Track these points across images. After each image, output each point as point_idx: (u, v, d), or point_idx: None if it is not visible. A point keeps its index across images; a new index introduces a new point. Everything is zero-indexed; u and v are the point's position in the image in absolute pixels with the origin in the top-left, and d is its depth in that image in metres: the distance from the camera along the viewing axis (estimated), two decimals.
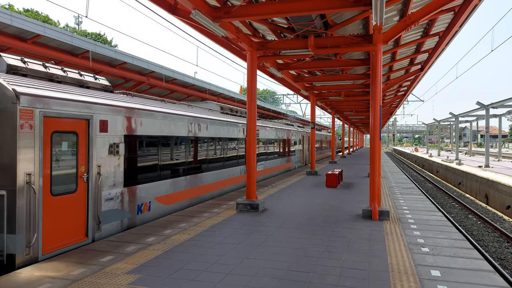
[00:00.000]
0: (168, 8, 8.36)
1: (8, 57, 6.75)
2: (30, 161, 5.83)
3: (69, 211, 6.59)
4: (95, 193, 7.12)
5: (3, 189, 5.62)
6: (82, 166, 6.92)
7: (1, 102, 5.66)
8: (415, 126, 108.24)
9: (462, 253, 6.30)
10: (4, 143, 5.68)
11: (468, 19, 9.88)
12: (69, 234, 6.58)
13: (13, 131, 5.66)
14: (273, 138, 19.77)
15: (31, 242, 5.79)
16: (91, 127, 7.05)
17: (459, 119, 36.26)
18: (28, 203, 5.79)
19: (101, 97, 7.54)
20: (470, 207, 16.73)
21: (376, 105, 9.32)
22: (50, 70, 7.33)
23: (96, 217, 7.13)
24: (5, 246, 5.59)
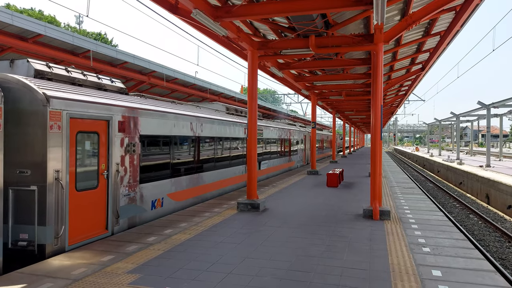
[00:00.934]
0: (169, 7, 8.35)
1: (35, 63, 7.16)
2: (58, 159, 6.33)
3: (91, 206, 7.09)
4: (114, 189, 7.60)
5: (35, 185, 6.07)
6: (103, 164, 7.41)
7: (33, 105, 6.15)
8: (416, 125, 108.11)
9: (463, 253, 6.29)
10: (35, 143, 6.16)
11: (469, 19, 9.87)
12: (92, 227, 7.08)
13: (44, 131, 6.15)
14: (276, 138, 20.20)
15: (59, 234, 6.27)
16: (110, 128, 7.56)
17: (460, 118, 36.23)
18: (56, 197, 6.26)
19: (118, 99, 8.02)
20: (471, 207, 16.72)
21: (377, 104, 9.31)
22: (72, 74, 7.77)
23: (115, 212, 7.63)
24: (36, 237, 6.05)
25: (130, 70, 15.75)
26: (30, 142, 6.19)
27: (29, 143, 6.19)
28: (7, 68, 7.23)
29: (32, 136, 6.18)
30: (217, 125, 12.59)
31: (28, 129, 6.20)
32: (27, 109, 6.19)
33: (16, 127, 6.18)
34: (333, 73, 15.95)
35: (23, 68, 7.12)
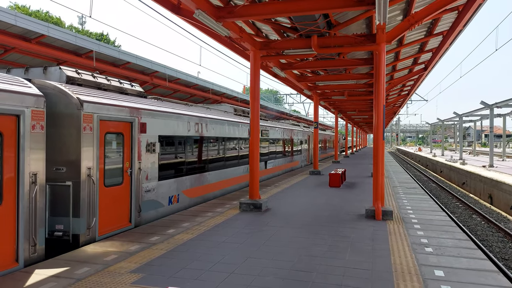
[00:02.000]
0: (172, 8, 8.38)
1: (66, 69, 7.79)
2: (90, 157, 7.00)
3: (117, 200, 7.78)
4: (136, 186, 8.28)
5: (70, 180, 6.73)
6: (127, 162, 8.10)
7: (68, 109, 6.81)
8: (419, 125, 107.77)
9: (466, 253, 6.28)
10: (70, 143, 6.83)
11: (472, 19, 9.83)
12: (117, 220, 7.78)
13: (78, 132, 6.81)
14: (281, 138, 20.81)
15: (90, 225, 6.95)
16: (133, 129, 8.24)
17: (463, 118, 36.13)
18: (88, 192, 6.93)
19: (140, 103, 8.68)
20: (474, 207, 16.67)
21: (379, 104, 9.30)
22: (97, 79, 8.41)
23: (138, 206, 8.31)
24: (71, 227, 6.72)
25: (133, 70, 15.80)
26: (66, 142, 6.84)
27: (65, 143, 6.85)
28: (40, 75, 7.79)
29: (67, 137, 6.84)
30: (226, 126, 13.26)
31: (64, 130, 6.85)
32: (63, 112, 6.82)
33: (53, 129, 6.74)
34: (335, 73, 15.94)
35: (56, 74, 7.72)
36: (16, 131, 5.61)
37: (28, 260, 5.68)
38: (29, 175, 5.74)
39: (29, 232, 5.71)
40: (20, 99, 5.61)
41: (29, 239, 5.70)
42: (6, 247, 5.39)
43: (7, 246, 5.42)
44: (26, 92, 5.75)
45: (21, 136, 5.63)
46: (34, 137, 5.86)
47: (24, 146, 5.66)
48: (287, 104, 44.99)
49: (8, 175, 5.45)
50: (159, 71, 16.57)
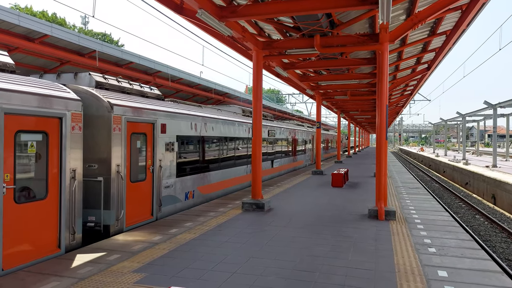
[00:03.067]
0: (174, 7, 8.37)
1: (95, 75, 8.44)
2: (118, 155, 7.66)
3: (141, 195, 8.46)
4: (157, 182, 8.95)
5: (101, 176, 7.42)
6: (149, 160, 8.78)
7: (100, 111, 7.50)
8: (422, 125, 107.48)
9: (469, 253, 6.25)
10: (102, 142, 7.51)
11: (476, 18, 9.80)
12: (141, 213, 8.47)
13: (108, 133, 7.50)
14: (287, 138, 21.50)
15: (119, 217, 7.63)
16: (155, 129, 8.91)
17: (466, 118, 36.00)
18: (117, 187, 7.61)
19: (160, 105, 9.36)
20: (477, 207, 16.61)
21: (382, 104, 9.28)
22: (122, 84, 9.01)
23: (158, 201, 8.97)
24: (102, 219, 7.42)
25: (136, 70, 15.82)
26: (98, 141, 7.53)
27: (97, 143, 7.53)
28: (71, 80, 8.44)
29: (99, 137, 7.53)
30: (237, 127, 14.07)
31: (96, 131, 7.53)
32: (95, 115, 7.51)
33: (86, 129, 7.28)
34: (338, 73, 15.90)
35: (86, 80, 8.34)
36: (59, 131, 6.31)
37: (68, 246, 6.37)
38: (70, 171, 6.42)
39: (69, 222, 6.40)
40: (62, 103, 6.31)
41: (69, 228, 6.39)
42: (50, 235, 6.09)
43: (52, 234, 6.12)
44: (67, 97, 6.45)
45: (63, 136, 6.32)
46: (74, 137, 6.55)
47: (66, 145, 6.35)
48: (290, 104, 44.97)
49: (52, 171, 6.15)
50: (161, 71, 16.58)
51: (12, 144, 5.50)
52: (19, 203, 5.60)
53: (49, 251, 6.01)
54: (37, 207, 5.89)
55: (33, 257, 5.72)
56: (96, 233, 7.39)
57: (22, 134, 5.70)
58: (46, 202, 6.02)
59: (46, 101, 6.01)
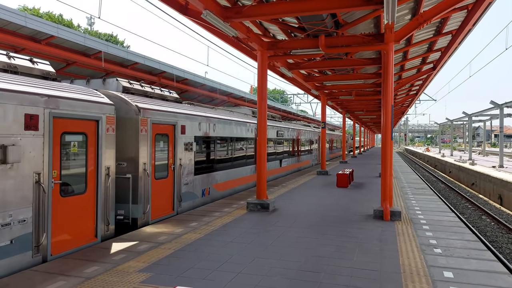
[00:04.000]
0: (179, 8, 8.41)
1: (122, 80, 9.23)
2: (145, 154, 8.38)
3: (164, 191, 9.17)
4: (178, 179, 9.68)
5: (129, 174, 8.13)
6: (171, 159, 9.48)
7: (128, 114, 8.23)
8: (427, 125, 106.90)
9: (475, 254, 6.22)
10: (130, 142, 8.24)
11: (482, 17, 9.73)
12: (164, 208, 9.18)
13: (136, 134, 8.23)
14: (294, 138, 22.23)
15: (145, 211, 8.34)
16: (176, 130, 9.65)
17: (472, 118, 35.73)
18: (144, 183, 8.30)
19: (179, 108, 10.08)
20: (483, 208, 16.49)
21: (387, 104, 9.25)
22: (145, 88, 9.78)
23: (179, 197, 9.72)
24: (130, 212, 8.14)
25: (141, 70, 15.89)
26: (126, 142, 8.22)
27: (126, 143, 8.21)
28: (100, 85, 9.21)
29: (127, 137, 8.22)
30: (248, 127, 14.84)
31: (124, 132, 8.20)
32: (124, 117, 8.22)
33: (116, 131, 7.83)
34: (343, 73, 15.87)
35: (113, 85, 9.09)
36: (96, 133, 7.00)
37: (104, 236, 7.08)
38: (104, 169, 7.13)
39: (104, 214, 7.12)
40: (99, 107, 7.02)
41: (104, 220, 7.11)
42: (89, 226, 6.82)
43: (90, 224, 6.84)
44: (103, 102, 7.15)
45: (99, 137, 7.01)
46: (108, 138, 7.24)
47: (101, 145, 7.04)
48: (294, 104, 44.89)
49: (90, 168, 6.87)
50: (166, 72, 16.64)
51: (59, 144, 6.23)
52: (64, 197, 6.34)
53: (87, 240, 6.73)
54: (78, 201, 6.64)
55: (75, 244, 6.44)
56: (124, 225, 8.12)
57: (66, 135, 6.41)
58: (85, 196, 6.77)
59: (86, 106, 6.73)
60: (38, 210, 5.79)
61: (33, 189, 5.71)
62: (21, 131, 5.56)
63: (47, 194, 5.90)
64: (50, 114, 5.98)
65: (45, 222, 5.88)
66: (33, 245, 5.69)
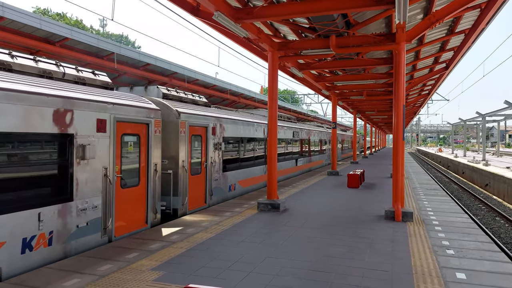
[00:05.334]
0: (191, 10, 8.48)
1: (161, 88, 10.38)
2: (183, 153, 9.49)
3: (198, 186, 10.26)
4: (209, 175, 10.75)
5: (170, 170, 9.15)
6: (203, 157, 10.58)
7: (170, 117, 9.36)
8: (440, 126, 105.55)
9: (488, 255, 6.15)
10: (171, 142, 9.34)
11: (495, 16, 9.61)
12: (198, 200, 10.26)
13: (176, 135, 9.34)
14: (309, 139, 23.18)
15: (184, 202, 9.45)
16: (208, 132, 10.75)
17: (486, 118, 35.20)
18: (182, 178, 9.43)
19: (209, 111, 11.22)
20: (497, 209, 16.25)
21: (399, 104, 9.20)
22: (180, 94, 10.92)
23: (210, 191, 10.78)
24: (171, 203, 9.20)
25: (153, 71, 16.03)
26: (168, 142, 9.29)
27: (168, 143, 9.27)
28: (142, 92, 10.35)
29: (169, 138, 9.30)
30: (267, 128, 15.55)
31: (167, 133, 9.26)
32: (166, 121, 9.30)
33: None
34: (354, 73, 15.81)
35: (154, 91, 10.22)
36: (146, 134, 8.10)
37: (152, 223, 8.17)
38: (153, 165, 8.21)
39: (153, 204, 8.18)
40: (149, 112, 8.14)
41: (153, 209, 8.18)
42: (141, 213, 7.93)
43: (142, 212, 7.95)
44: (152, 108, 8.28)
45: (149, 138, 8.11)
46: (155, 138, 8.34)
47: (150, 145, 8.15)
48: (305, 104, 44.79)
49: (142, 164, 7.99)
50: (178, 72, 16.77)
51: (119, 144, 7.34)
52: (123, 188, 7.45)
53: (140, 225, 7.88)
54: (133, 192, 7.74)
55: (131, 229, 7.58)
56: (166, 215, 9.11)
57: (125, 136, 7.52)
58: (138, 188, 7.89)
59: (140, 111, 7.86)
60: (106, 198, 6.94)
61: (102, 181, 6.85)
62: (94, 133, 6.70)
63: (112, 185, 7.07)
64: (114, 118, 7.16)
65: (111, 209, 7.04)
66: (102, 228, 6.85)
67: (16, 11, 9.76)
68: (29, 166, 5.61)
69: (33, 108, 5.58)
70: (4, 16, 9.51)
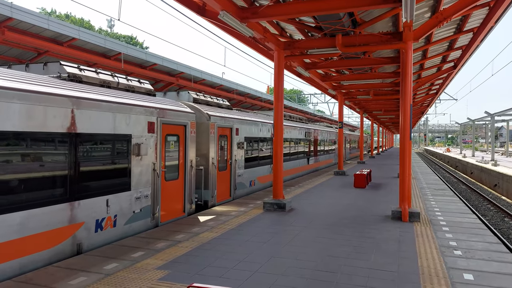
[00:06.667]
0: (197, 9, 8.49)
1: (192, 93, 11.33)
2: (213, 151, 10.67)
3: (224, 181, 11.41)
4: (233, 171, 11.93)
5: (202, 166, 10.33)
6: (228, 155, 11.71)
7: (201, 120, 10.52)
8: (448, 125, 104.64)
9: (497, 256, 6.08)
10: (203, 142, 10.49)
11: (505, 14, 9.49)
12: (224, 194, 11.39)
13: (207, 135, 10.53)
14: (319, 138, 24.23)
15: (213, 195, 10.62)
16: (232, 132, 11.93)
17: (495, 118, 34.82)
18: (212, 174, 10.54)
19: (233, 114, 12.40)
20: (506, 209, 16.06)
21: (406, 104, 9.12)
22: (207, 98, 12.01)
23: (234, 185, 11.96)
24: (203, 196, 10.37)
25: (159, 71, 16.11)
26: (200, 141, 10.40)
27: (199, 142, 10.36)
28: (175, 97, 11.31)
29: (201, 138, 10.44)
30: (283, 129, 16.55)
31: (199, 134, 10.32)
32: (198, 122, 10.40)
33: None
34: (360, 72, 15.72)
35: (185, 96, 11.28)
36: (184, 134, 9.26)
37: (188, 212, 9.35)
38: (189, 162, 9.40)
39: (189, 195, 9.38)
40: (186, 116, 9.34)
41: (189, 199, 9.37)
42: (180, 203, 9.14)
43: (180, 203, 9.16)
44: (188, 111, 9.48)
45: (186, 138, 9.29)
46: (191, 138, 9.51)
47: (187, 144, 9.31)
48: (311, 104, 44.68)
49: (181, 160, 9.16)
50: (184, 72, 16.82)
51: (164, 143, 8.51)
52: (167, 181, 8.60)
53: (179, 214, 9.05)
54: (174, 185, 8.89)
55: (172, 216, 8.76)
56: (198, 206, 10.09)
57: (168, 136, 8.67)
58: (178, 181, 9.04)
59: (179, 114, 9.05)
60: (154, 189, 8.08)
61: (151, 175, 7.99)
62: (145, 133, 7.88)
63: (159, 178, 8.19)
64: (160, 121, 8.33)
65: (158, 198, 8.16)
66: (151, 214, 8.00)
67: (24, 11, 9.85)
68: (101, 161, 6.83)
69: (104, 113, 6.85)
70: (12, 17, 9.61)
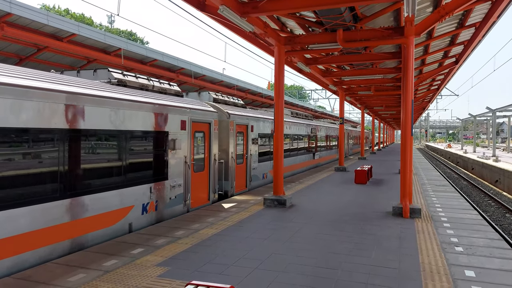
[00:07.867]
0: (197, 4, 8.41)
1: (212, 93, 12.31)
2: (232, 146, 11.82)
3: (241, 173, 12.61)
4: (249, 165, 13.11)
5: (222, 159, 11.44)
6: (244, 150, 12.87)
7: (222, 118, 11.62)
8: (449, 121, 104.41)
9: (498, 253, 6.04)
10: (223, 138, 11.57)
11: (507, 9, 9.40)
12: (241, 185, 12.61)
13: (227, 132, 11.66)
14: (324, 134, 25.49)
15: (232, 186, 11.79)
16: (248, 129, 13.04)
17: (496, 114, 34.68)
18: (231, 166, 11.72)
19: (247, 112, 13.50)
20: (507, 205, 16.02)
21: (407, 99, 9.06)
22: (225, 98, 13.05)
23: (250, 177, 13.19)
24: (223, 186, 11.55)
25: (160, 67, 16.02)
26: (221, 137, 11.51)
27: (220, 138, 11.44)
28: (196, 97, 12.17)
29: (222, 135, 11.54)
30: (291, 125, 18.15)
31: (220, 131, 11.44)
32: (220, 120, 11.43)
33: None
34: (361, 68, 15.63)
35: (206, 96, 12.23)
36: (209, 131, 10.34)
37: (212, 200, 10.45)
38: (213, 155, 10.51)
39: (213, 185, 10.48)
40: (211, 114, 10.48)
41: (213, 189, 10.45)
42: (205, 192, 10.24)
43: (205, 192, 10.24)
44: (212, 110, 10.59)
45: (210, 134, 10.37)
46: (214, 135, 10.59)
47: (211, 140, 10.41)
48: (312, 100, 44.62)
49: (206, 154, 10.23)
50: (185, 68, 16.73)
51: (193, 138, 9.57)
52: (195, 172, 9.69)
53: (204, 202, 10.13)
54: (200, 176, 9.97)
55: (199, 204, 9.85)
56: (219, 195, 11.07)
57: (196, 133, 9.75)
58: (203, 173, 10.12)
59: (205, 113, 10.17)
60: (185, 179, 9.17)
61: (183, 166, 9.09)
62: (179, 130, 8.98)
63: (189, 170, 9.30)
64: (190, 119, 9.45)
65: (188, 187, 9.25)
66: (183, 201, 9.09)
67: (23, 7, 9.78)
68: (146, 154, 7.94)
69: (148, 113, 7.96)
70: (11, 12, 9.54)
